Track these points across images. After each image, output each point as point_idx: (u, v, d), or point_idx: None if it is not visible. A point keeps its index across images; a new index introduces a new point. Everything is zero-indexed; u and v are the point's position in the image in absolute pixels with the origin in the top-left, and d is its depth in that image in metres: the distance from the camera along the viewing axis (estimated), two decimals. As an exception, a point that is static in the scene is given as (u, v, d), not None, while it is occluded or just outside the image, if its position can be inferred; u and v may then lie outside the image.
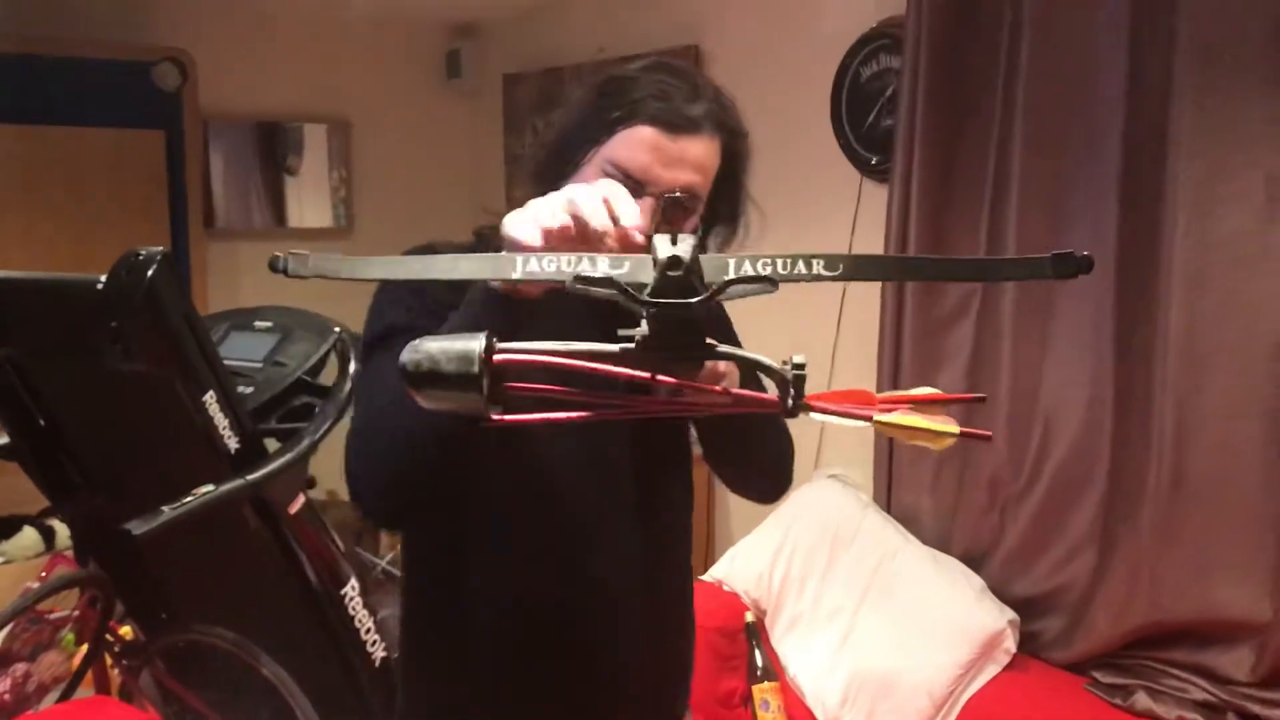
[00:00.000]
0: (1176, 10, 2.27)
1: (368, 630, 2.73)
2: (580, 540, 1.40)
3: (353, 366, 2.73)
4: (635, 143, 1.27)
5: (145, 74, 4.07)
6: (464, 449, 1.18)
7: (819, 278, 0.80)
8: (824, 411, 0.82)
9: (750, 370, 1.03)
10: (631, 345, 0.82)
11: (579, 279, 0.79)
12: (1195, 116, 2.27)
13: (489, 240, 1.37)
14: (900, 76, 2.85)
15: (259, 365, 2.80)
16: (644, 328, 0.81)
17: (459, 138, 4.95)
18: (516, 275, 0.82)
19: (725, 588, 3.03)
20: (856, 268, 0.80)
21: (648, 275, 0.79)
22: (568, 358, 0.82)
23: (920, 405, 0.84)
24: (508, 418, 0.82)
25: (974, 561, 2.77)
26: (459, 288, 1.29)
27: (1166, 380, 2.35)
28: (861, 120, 3.11)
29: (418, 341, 0.78)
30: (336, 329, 2.87)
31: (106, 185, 4.02)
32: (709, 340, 0.82)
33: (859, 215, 3.15)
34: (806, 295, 3.31)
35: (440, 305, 1.29)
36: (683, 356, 0.83)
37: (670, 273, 0.77)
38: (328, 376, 2.81)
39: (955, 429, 0.82)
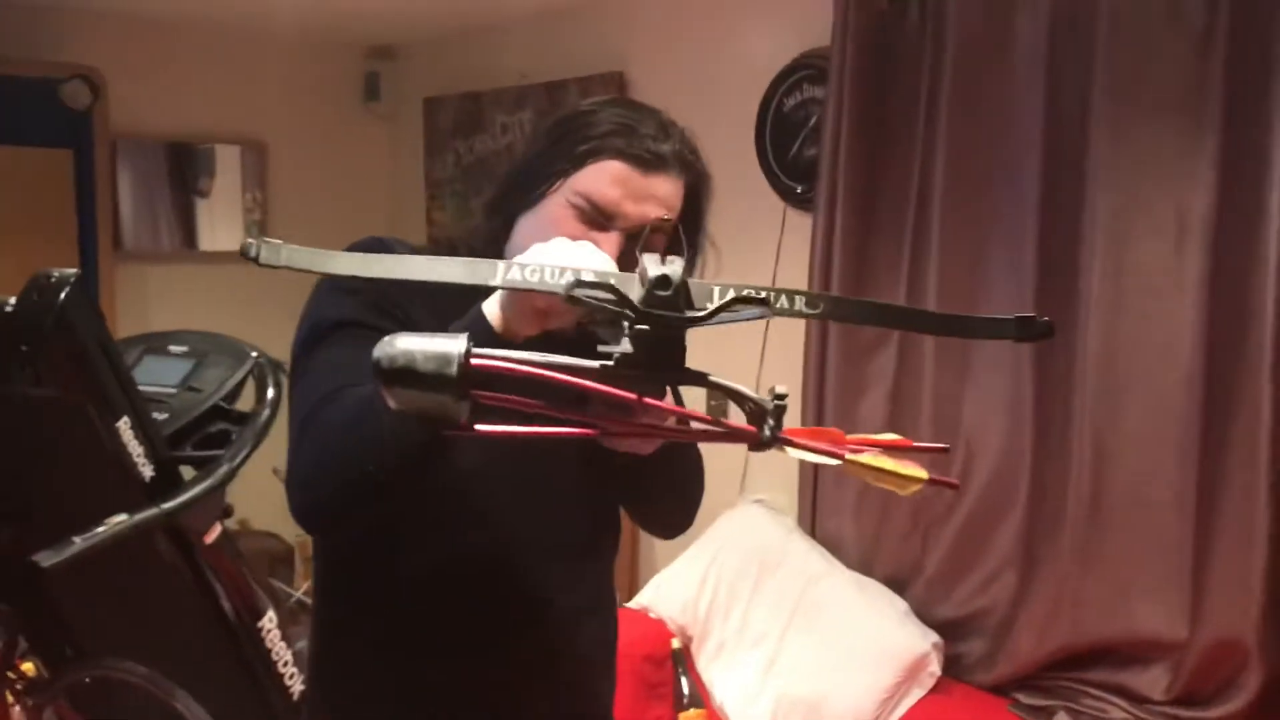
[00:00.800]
0: (1094, 48, 2.35)
1: (285, 663, 2.66)
2: (506, 559, 1.38)
3: (271, 393, 2.65)
4: (605, 176, 1.27)
5: (54, 92, 3.95)
6: (430, 456, 1.15)
7: (800, 314, 0.81)
8: (799, 447, 0.83)
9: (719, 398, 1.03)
10: (611, 362, 0.81)
11: (578, 284, 0.78)
12: (1111, 150, 2.35)
13: (440, 247, 1.39)
14: (824, 106, 2.90)
15: (174, 391, 2.72)
16: (625, 345, 0.79)
17: (377, 161, 4.90)
18: (496, 282, 0.80)
19: (651, 614, 3.02)
20: (833, 309, 0.82)
21: (635, 294, 0.78)
22: (547, 369, 0.80)
23: (888, 450, 0.86)
24: (482, 428, 0.80)
25: (898, 585, 2.81)
26: (415, 291, 1.26)
27: (1084, 407, 2.41)
28: (786, 149, 3.15)
29: (393, 337, 0.75)
30: (254, 354, 2.81)
31: (12, 205, 3.89)
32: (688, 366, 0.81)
33: (783, 243, 3.18)
34: (729, 325, 3.33)
35: (395, 306, 1.28)
36: (663, 378, 0.83)
37: (659, 291, 0.76)
38: (245, 402, 2.74)
39: (923, 474, 0.84)
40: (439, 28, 4.47)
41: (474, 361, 0.76)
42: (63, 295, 2.19)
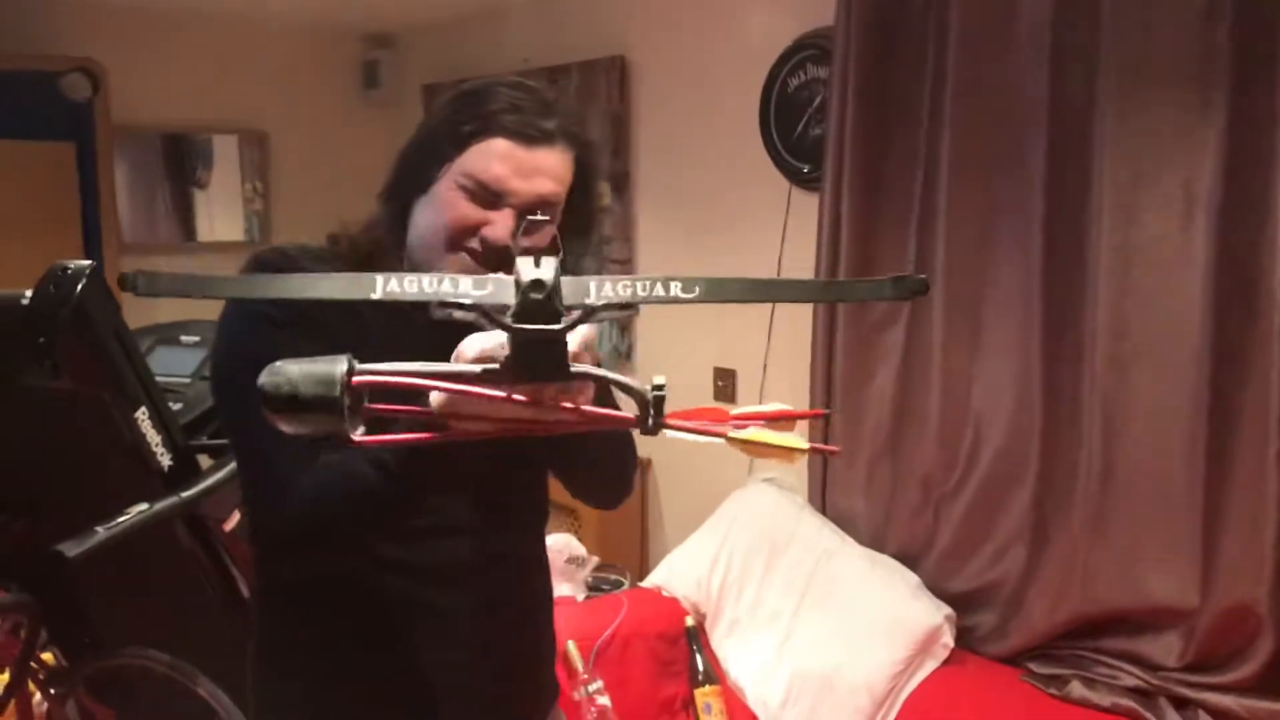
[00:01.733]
0: (1099, 22, 2.36)
1: (304, 648, 2.68)
2: (423, 560, 1.41)
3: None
4: (490, 154, 1.28)
5: (54, 84, 3.95)
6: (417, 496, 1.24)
7: (676, 300, 0.82)
8: (679, 429, 0.87)
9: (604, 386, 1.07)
10: (494, 366, 0.85)
11: (442, 304, 0.80)
12: (1117, 124, 2.36)
13: (340, 244, 1.40)
14: (829, 86, 2.91)
15: (188, 380, 2.74)
16: (505, 349, 0.83)
17: (378, 148, 4.83)
18: (376, 295, 0.80)
19: (664, 593, 3.05)
20: (711, 290, 0.83)
21: (510, 297, 0.80)
22: (429, 378, 0.83)
23: (772, 422, 0.90)
24: (368, 439, 0.82)
25: (909, 560, 2.83)
26: (331, 305, 1.27)
27: (1093, 380, 2.43)
28: (790, 130, 3.17)
29: (277, 365, 0.78)
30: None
31: (16, 199, 3.89)
32: (571, 362, 0.84)
33: (789, 224, 3.19)
34: (736, 305, 3.34)
35: (315, 325, 1.26)
36: (544, 377, 0.85)
37: (532, 295, 0.78)
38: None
39: (804, 445, 0.88)
40: (437, 14, 4.47)
41: (356, 380, 0.79)
42: (79, 287, 2.20)
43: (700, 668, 2.87)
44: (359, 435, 0.81)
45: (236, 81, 4.55)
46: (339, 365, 0.78)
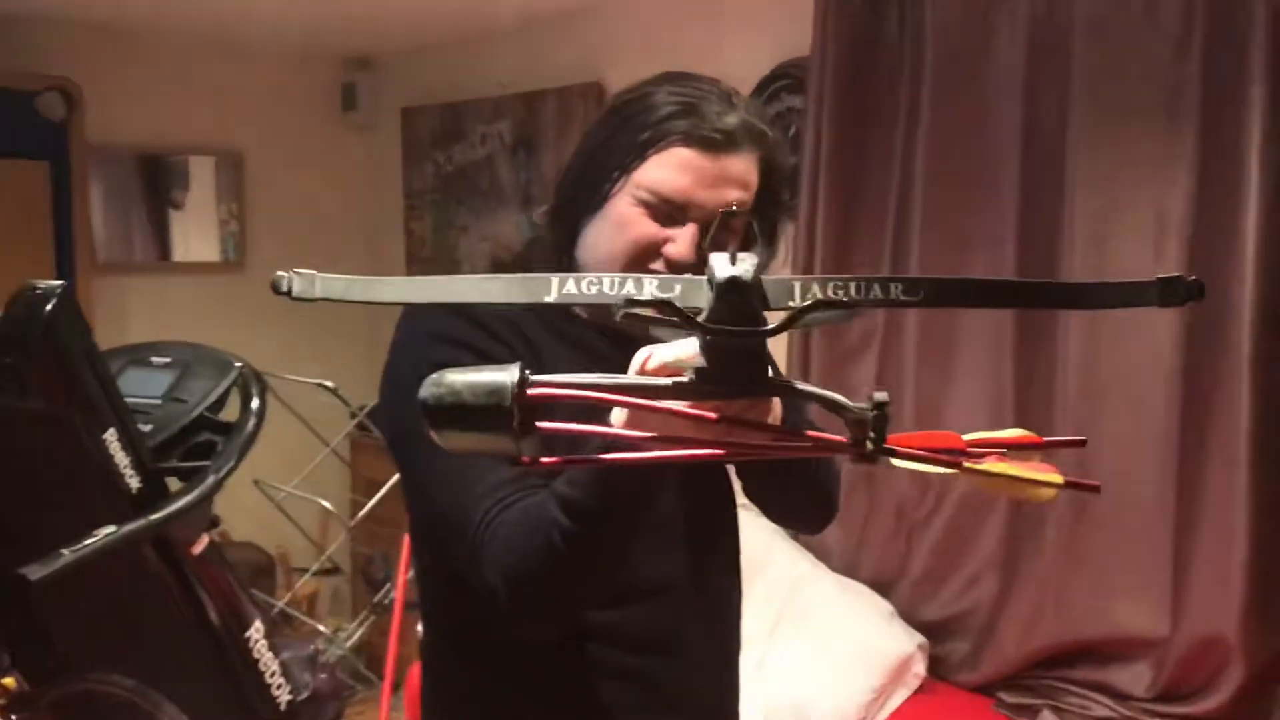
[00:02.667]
0: (1072, 54, 2.39)
1: (272, 673, 2.66)
2: (633, 604, 1.29)
3: (255, 403, 2.65)
4: (672, 165, 1.16)
5: (30, 103, 3.93)
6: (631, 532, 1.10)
7: (897, 303, 0.71)
8: (909, 458, 0.73)
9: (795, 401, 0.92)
10: (685, 378, 0.73)
11: (629, 302, 0.70)
12: (1089, 153, 2.38)
13: (507, 270, 1.27)
14: (804, 116, 2.92)
15: (158, 402, 2.71)
16: (697, 358, 0.73)
17: (355, 171, 4.89)
18: (551, 298, 0.73)
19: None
20: (936, 293, 0.71)
21: (703, 300, 0.70)
22: (613, 392, 0.73)
23: (1014, 450, 0.76)
24: (542, 460, 0.73)
25: (882, 587, 2.83)
26: (522, 333, 1.20)
27: (1066, 407, 2.45)
28: (766, 157, 3.17)
29: (439, 374, 0.70)
30: (238, 364, 2.81)
31: (-11, 217, 3.87)
32: (772, 374, 0.73)
33: (764, 250, 3.20)
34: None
35: (483, 355, 1.17)
36: (743, 391, 0.75)
37: (730, 296, 0.68)
38: (229, 413, 2.74)
39: (1058, 479, 0.74)
40: (416, 38, 4.48)
41: (531, 391, 0.70)
42: (49, 307, 2.18)
43: (672, 695, 2.85)
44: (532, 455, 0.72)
45: (214, 103, 4.54)
46: (509, 373, 0.69)
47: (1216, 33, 2.20)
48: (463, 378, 0.69)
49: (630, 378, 0.75)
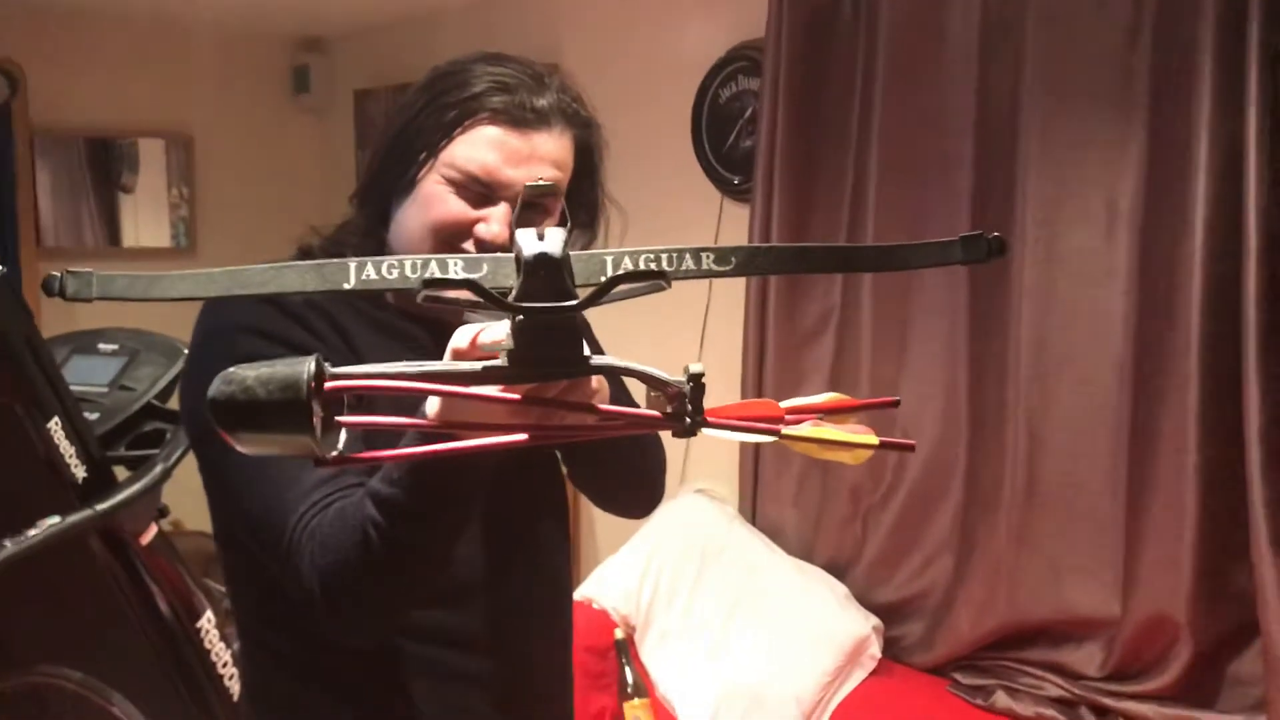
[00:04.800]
0: (1024, 39, 2.39)
1: (224, 664, 2.63)
2: (449, 600, 1.25)
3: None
4: (479, 142, 1.14)
5: (-30, 84, 3.84)
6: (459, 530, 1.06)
7: (710, 273, 0.70)
8: (725, 428, 0.72)
9: (615, 377, 0.92)
10: (495, 361, 0.70)
11: (429, 283, 0.67)
12: (1041, 139, 2.39)
13: (312, 257, 1.20)
14: (760, 98, 2.91)
15: (105, 390, 2.67)
16: (508, 340, 0.70)
17: (307, 154, 4.83)
18: (350, 285, 0.69)
19: (594, 605, 3.02)
20: (750, 261, 0.71)
21: (511, 278, 0.68)
22: (418, 380, 0.69)
23: (830, 414, 0.76)
24: (347, 457, 0.68)
25: (838, 570, 2.85)
26: (324, 333, 1.15)
27: (1019, 391, 2.46)
28: (722, 141, 3.17)
29: (228, 371, 0.64)
30: (186, 351, 2.76)
31: (-72, 202, 3.78)
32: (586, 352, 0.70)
33: (720, 235, 3.20)
34: (669, 313, 3.34)
35: (291, 346, 1.12)
36: (558, 371, 0.72)
37: (540, 272, 0.66)
38: (178, 401, 2.70)
39: (874, 439, 0.74)
40: (368, 19, 4.42)
41: (329, 385, 0.65)
42: (-11, 293, 2.14)
43: (630, 681, 2.85)
44: (335, 454, 0.67)
45: (162, 84, 4.46)
46: (304, 365, 0.63)
47: (1167, 21, 2.21)
48: (254, 372, 0.63)
49: (440, 365, 0.71)
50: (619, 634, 2.92)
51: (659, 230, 3.41)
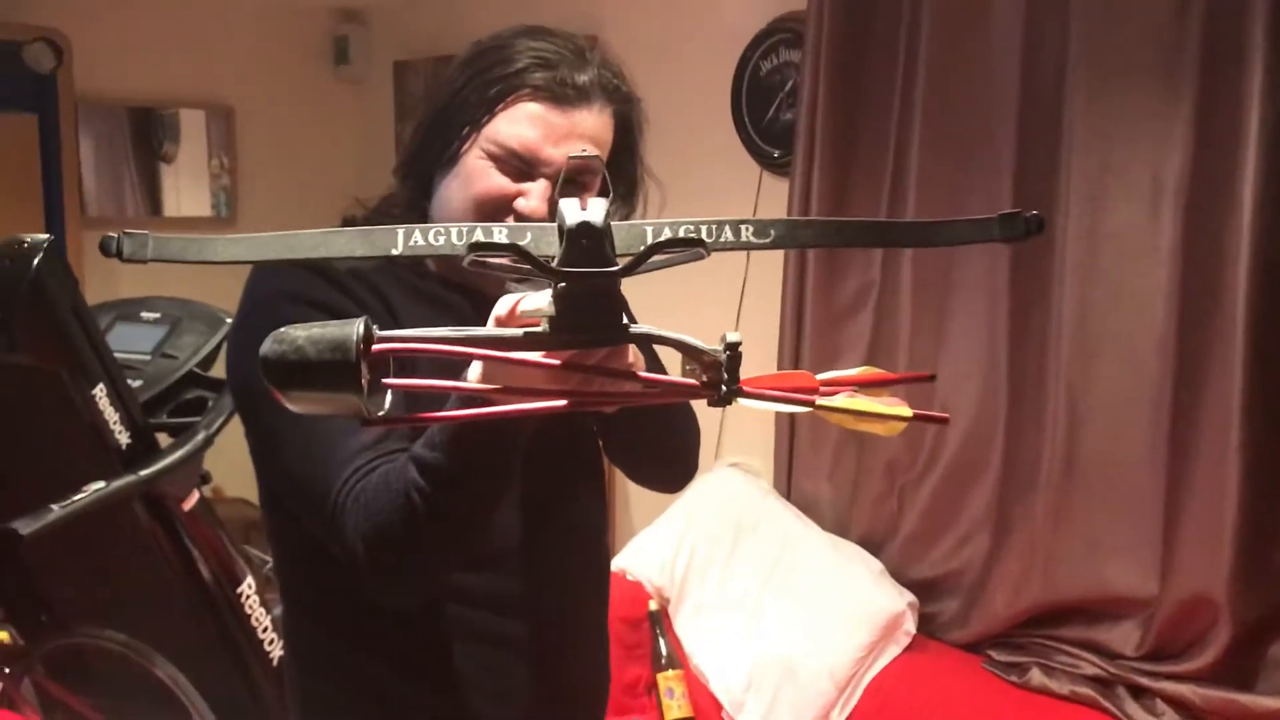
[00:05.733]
0: (1069, 12, 2.35)
1: (264, 629, 2.67)
2: (489, 564, 1.27)
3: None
4: (520, 119, 1.15)
5: (17, 54, 3.87)
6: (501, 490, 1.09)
7: (749, 245, 0.71)
8: (760, 398, 0.73)
9: (649, 348, 0.91)
10: (537, 328, 0.72)
11: (474, 247, 0.69)
12: (1086, 113, 2.36)
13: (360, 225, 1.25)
14: (800, 71, 2.89)
15: (148, 357, 2.71)
16: (549, 307, 0.71)
17: (347, 125, 4.84)
18: (398, 250, 0.71)
19: (629, 577, 3.04)
20: (789, 235, 0.72)
21: (554, 246, 0.69)
22: (462, 345, 0.70)
23: (865, 387, 0.78)
24: (392, 418, 0.71)
25: (873, 546, 2.84)
26: (374, 297, 1.17)
27: (1059, 369, 2.44)
28: (762, 114, 3.15)
29: (281, 331, 0.66)
30: (228, 319, 2.79)
31: (-24, 171, 3.83)
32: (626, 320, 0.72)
33: (759, 208, 3.18)
34: (705, 287, 3.33)
35: (338, 313, 1.13)
36: (598, 339, 0.73)
37: (582, 241, 0.67)
38: (220, 369, 2.73)
39: (908, 412, 0.75)
40: (408, -10, 4.42)
41: (376, 347, 0.67)
42: (36, 261, 2.17)
43: (663, 652, 2.86)
44: (383, 414, 0.70)
45: (204, 55, 4.48)
46: (353, 326, 0.65)
47: (1217, -9, 2.17)
48: (305, 333, 0.66)
49: (482, 330, 0.72)
50: (653, 605, 2.94)
51: (698, 203, 3.40)
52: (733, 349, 0.69)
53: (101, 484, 2.25)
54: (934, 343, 2.71)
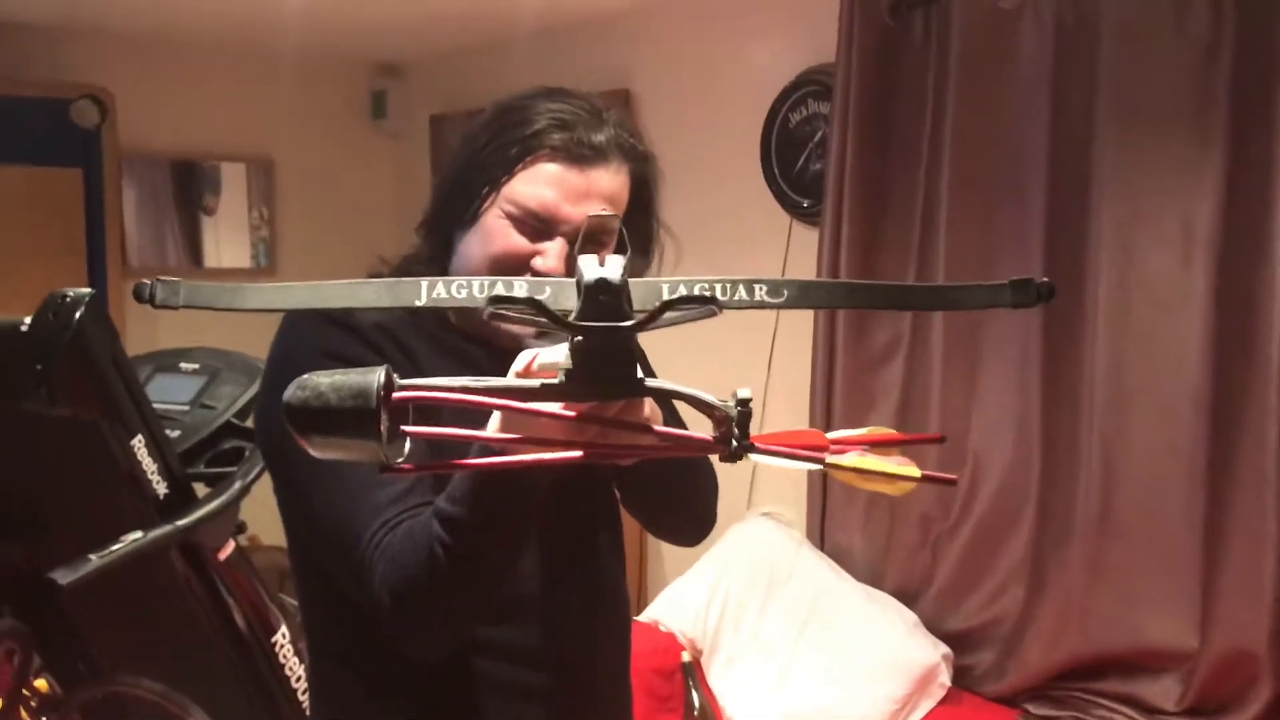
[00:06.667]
0: (1099, 61, 2.36)
1: (298, 678, 2.67)
2: (510, 615, 1.26)
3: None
4: (538, 179, 1.17)
5: (64, 111, 3.97)
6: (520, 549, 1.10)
7: (762, 304, 0.72)
8: (771, 454, 0.75)
9: (667, 402, 0.94)
10: (554, 380, 0.73)
11: (495, 300, 0.70)
12: (1116, 162, 2.36)
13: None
14: (829, 122, 2.91)
15: (186, 408, 2.74)
16: (566, 361, 0.72)
17: (384, 178, 4.92)
18: (421, 302, 0.72)
19: (661, 628, 3.03)
20: (803, 295, 0.73)
21: (572, 301, 0.71)
22: (479, 395, 0.72)
23: (875, 447, 0.79)
24: (410, 466, 0.72)
25: (907, 597, 2.82)
26: (382, 348, 1.19)
27: (1093, 419, 2.42)
28: (791, 164, 3.17)
29: (304, 377, 0.69)
30: (264, 370, 2.83)
31: (23, 224, 3.92)
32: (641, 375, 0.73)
33: (789, 258, 3.19)
34: (736, 336, 3.34)
35: (376, 351, 1.17)
36: (614, 391, 0.74)
37: (599, 297, 0.68)
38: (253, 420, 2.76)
39: (916, 472, 0.77)
40: (445, 45, 4.50)
41: (397, 395, 0.69)
42: (78, 314, 2.20)
43: (696, 704, 2.84)
44: (400, 462, 0.71)
45: (245, 109, 4.58)
46: (374, 375, 0.67)
47: (1247, 39, 2.17)
48: (328, 379, 0.68)
49: (500, 381, 0.74)
50: (686, 657, 2.92)
51: (727, 253, 3.42)
52: (743, 405, 0.71)
53: (139, 534, 2.26)
54: (966, 393, 2.70)
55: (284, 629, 2.66)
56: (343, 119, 4.87)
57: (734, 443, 0.72)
